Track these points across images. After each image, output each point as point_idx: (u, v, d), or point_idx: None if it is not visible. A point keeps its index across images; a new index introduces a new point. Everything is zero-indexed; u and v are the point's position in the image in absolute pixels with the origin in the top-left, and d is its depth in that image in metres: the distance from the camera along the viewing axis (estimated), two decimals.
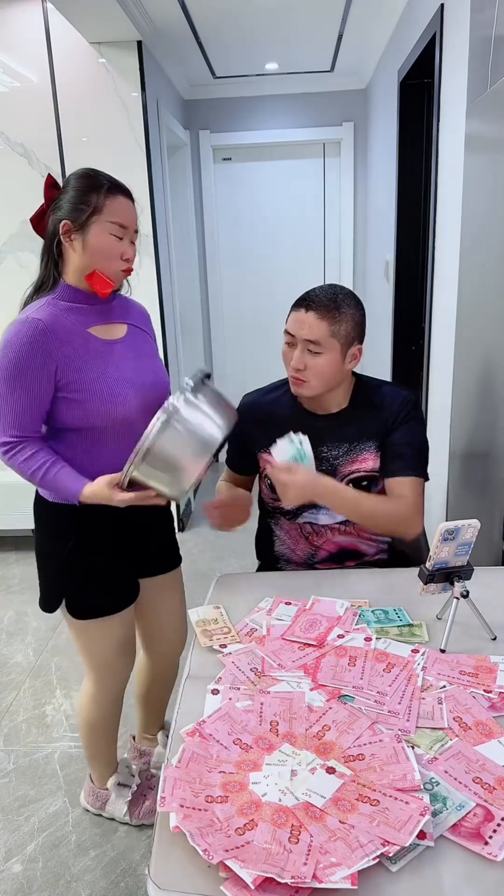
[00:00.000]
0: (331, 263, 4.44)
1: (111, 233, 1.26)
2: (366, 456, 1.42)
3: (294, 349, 1.37)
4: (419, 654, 1.06)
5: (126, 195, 1.29)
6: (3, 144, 2.90)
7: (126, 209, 1.28)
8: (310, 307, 1.34)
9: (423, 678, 1.00)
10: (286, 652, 1.09)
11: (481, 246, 1.65)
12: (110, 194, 1.26)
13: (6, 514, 3.13)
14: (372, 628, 1.15)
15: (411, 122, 2.83)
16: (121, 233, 1.27)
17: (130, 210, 1.29)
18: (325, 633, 1.13)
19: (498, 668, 1.02)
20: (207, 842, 0.72)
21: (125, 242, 1.29)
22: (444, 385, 2.20)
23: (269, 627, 1.15)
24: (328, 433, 1.42)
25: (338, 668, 1.04)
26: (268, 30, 3.06)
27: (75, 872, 1.52)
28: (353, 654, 1.07)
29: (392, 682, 0.99)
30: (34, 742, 1.93)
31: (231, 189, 4.29)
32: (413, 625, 1.15)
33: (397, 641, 1.10)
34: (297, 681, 1.01)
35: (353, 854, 0.70)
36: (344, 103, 4.04)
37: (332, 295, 1.35)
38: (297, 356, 1.36)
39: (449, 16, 2.06)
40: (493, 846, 0.73)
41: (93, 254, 1.27)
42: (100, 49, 2.79)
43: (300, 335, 1.34)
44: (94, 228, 1.25)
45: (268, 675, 1.03)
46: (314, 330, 1.32)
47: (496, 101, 1.51)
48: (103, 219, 1.25)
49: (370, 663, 1.04)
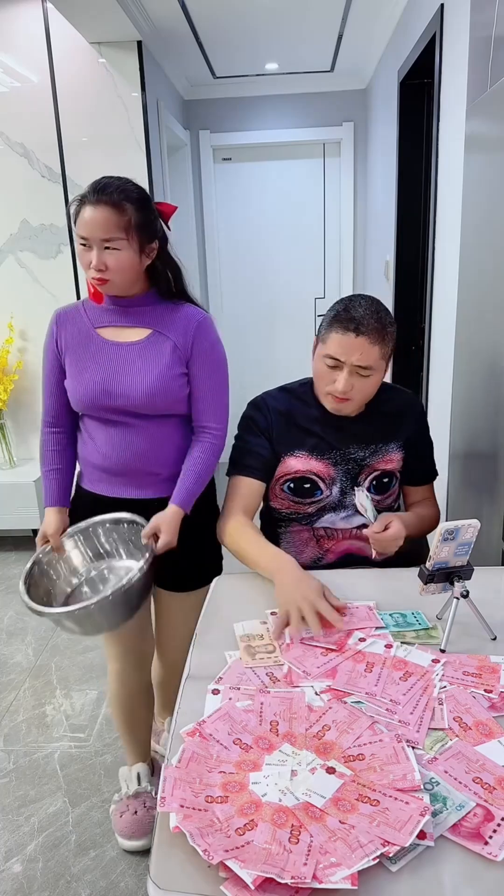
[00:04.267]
0: (331, 263, 4.44)
1: (80, 243, 1.32)
2: (390, 457, 1.45)
3: (335, 371, 1.32)
4: (439, 664, 1.03)
5: (93, 204, 1.28)
6: (3, 144, 2.90)
7: (88, 220, 1.28)
8: (360, 331, 1.27)
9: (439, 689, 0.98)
10: (309, 658, 1.07)
11: (481, 246, 1.65)
12: (80, 206, 1.30)
13: (6, 514, 3.13)
14: (390, 632, 1.13)
15: (411, 123, 2.83)
16: (83, 242, 1.31)
17: (91, 220, 1.28)
18: (345, 637, 1.11)
19: (500, 669, 1.01)
20: (207, 842, 0.72)
21: (91, 252, 1.30)
22: (444, 385, 2.20)
23: (291, 636, 1.12)
24: (355, 435, 1.42)
25: (353, 674, 1.02)
26: (268, 30, 3.06)
27: (75, 872, 1.52)
28: (371, 661, 1.05)
29: (407, 692, 0.97)
30: (34, 742, 1.93)
31: (231, 189, 4.29)
32: (430, 628, 1.14)
33: (417, 650, 1.08)
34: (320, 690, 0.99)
35: (353, 854, 0.70)
36: (344, 103, 4.04)
37: (377, 315, 1.30)
38: (345, 380, 1.31)
39: (449, 16, 2.06)
40: (493, 846, 0.72)
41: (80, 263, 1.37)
42: (100, 49, 2.79)
43: (350, 360, 1.29)
44: (76, 240, 1.34)
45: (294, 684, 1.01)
46: (367, 356, 1.29)
47: (496, 101, 1.51)
48: (76, 231, 1.31)
49: (387, 670, 1.02)
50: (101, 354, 1.38)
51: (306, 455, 1.42)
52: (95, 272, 1.31)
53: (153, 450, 1.41)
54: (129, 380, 1.36)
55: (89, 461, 1.47)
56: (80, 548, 1.46)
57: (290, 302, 4.51)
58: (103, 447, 1.42)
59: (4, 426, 3.23)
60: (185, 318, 1.40)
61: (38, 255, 3.05)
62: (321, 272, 4.47)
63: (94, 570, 1.46)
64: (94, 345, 1.39)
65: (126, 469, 1.42)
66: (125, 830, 1.57)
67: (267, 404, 1.45)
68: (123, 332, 1.40)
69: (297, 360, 4.53)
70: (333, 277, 4.47)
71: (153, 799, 1.60)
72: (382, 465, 1.44)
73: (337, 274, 4.45)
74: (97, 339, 1.40)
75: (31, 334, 3.17)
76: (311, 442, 1.42)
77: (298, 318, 4.54)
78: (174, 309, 1.41)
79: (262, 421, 1.43)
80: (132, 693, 1.61)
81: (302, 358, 4.62)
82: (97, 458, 1.44)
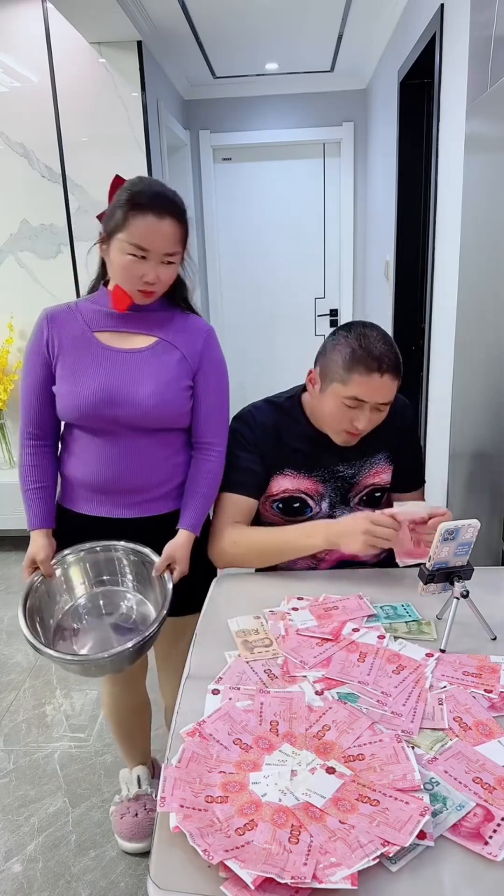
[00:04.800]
0: (331, 263, 4.44)
1: (129, 252, 1.22)
2: (379, 469, 1.41)
3: (355, 410, 1.26)
4: (433, 657, 1.05)
5: (158, 214, 1.20)
6: (3, 144, 2.90)
7: (151, 231, 1.20)
8: (383, 370, 1.22)
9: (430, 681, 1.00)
10: (305, 648, 1.08)
11: (481, 246, 1.65)
12: (136, 212, 1.20)
13: (6, 514, 3.13)
14: (381, 624, 1.15)
15: (411, 123, 2.84)
16: (141, 253, 1.21)
17: (157, 232, 1.21)
18: (339, 627, 1.14)
19: (500, 669, 1.02)
20: (207, 842, 0.72)
21: (148, 263, 1.22)
22: (444, 385, 2.20)
23: (286, 628, 1.14)
24: (345, 451, 1.37)
25: (346, 664, 1.04)
26: (268, 30, 3.06)
27: (75, 872, 1.52)
28: (364, 651, 1.07)
29: (399, 685, 0.99)
30: (34, 742, 1.93)
31: (231, 189, 4.29)
32: (421, 622, 1.15)
33: (411, 643, 1.09)
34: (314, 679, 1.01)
35: (353, 854, 0.70)
36: (344, 103, 4.04)
37: (392, 348, 1.24)
38: (368, 420, 1.27)
39: (449, 16, 2.06)
40: (493, 846, 0.72)
41: (113, 269, 1.27)
42: (100, 49, 2.79)
43: (375, 400, 1.24)
44: (115, 245, 1.23)
45: (291, 674, 1.02)
46: (389, 392, 1.25)
47: (496, 101, 1.51)
48: (123, 237, 1.21)
49: (380, 661, 1.04)
50: (103, 360, 1.29)
51: (294, 473, 1.38)
52: (146, 284, 1.24)
53: (147, 465, 1.32)
54: (134, 388, 1.27)
55: (74, 478, 1.36)
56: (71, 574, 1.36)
57: (290, 302, 4.51)
58: (92, 462, 1.32)
59: (4, 426, 3.22)
60: (193, 328, 1.35)
61: (37, 255, 3.05)
62: (321, 272, 4.47)
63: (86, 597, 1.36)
64: (93, 349, 1.29)
65: (117, 486, 1.32)
66: (125, 832, 1.57)
67: (255, 418, 1.40)
68: (126, 338, 1.31)
69: (296, 359, 4.52)
70: (333, 277, 4.47)
71: (153, 801, 1.59)
72: (372, 478, 1.41)
73: (337, 274, 4.45)
74: (97, 344, 1.30)
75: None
76: (299, 459, 1.38)
77: (298, 318, 4.54)
78: (180, 318, 1.35)
79: (250, 435, 1.38)
80: (127, 712, 1.58)
81: (301, 358, 4.62)
82: (84, 474, 1.33)
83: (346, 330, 1.28)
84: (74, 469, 1.35)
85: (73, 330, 1.31)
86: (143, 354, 1.30)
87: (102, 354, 1.30)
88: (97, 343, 1.30)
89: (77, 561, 1.36)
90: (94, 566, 1.36)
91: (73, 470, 1.35)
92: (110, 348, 1.30)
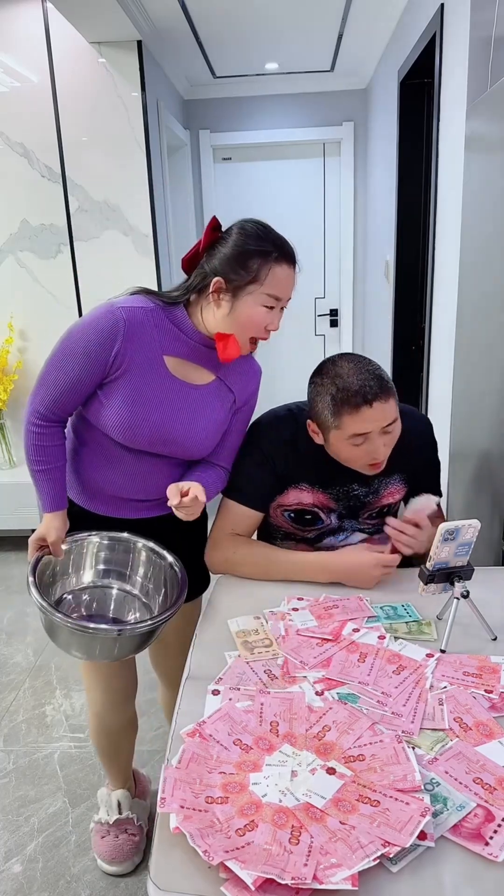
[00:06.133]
0: (331, 263, 4.44)
1: (263, 304, 1.17)
2: (394, 489, 1.39)
3: (365, 443, 1.23)
4: (433, 658, 1.05)
5: (291, 263, 1.19)
6: (3, 144, 2.90)
7: (287, 281, 1.18)
8: (370, 399, 1.18)
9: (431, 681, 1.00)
10: (305, 649, 1.08)
11: (481, 246, 1.65)
12: (276, 263, 1.16)
13: (6, 514, 3.13)
14: (382, 624, 1.15)
15: (411, 122, 2.84)
16: (274, 303, 1.18)
17: (291, 280, 1.19)
18: (339, 627, 1.14)
19: (500, 669, 1.02)
20: (207, 843, 0.72)
21: (273, 313, 1.20)
22: (444, 385, 2.20)
23: (286, 628, 1.14)
24: (358, 472, 1.33)
25: (346, 664, 1.04)
26: (268, 30, 3.06)
27: (75, 872, 1.52)
28: (364, 651, 1.07)
29: (399, 685, 0.99)
30: (34, 742, 1.93)
31: (231, 189, 4.29)
32: (422, 622, 1.15)
33: (411, 643, 1.09)
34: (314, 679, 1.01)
35: (353, 855, 0.70)
36: (344, 103, 4.04)
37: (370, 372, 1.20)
38: (383, 446, 1.24)
39: (449, 16, 2.06)
40: (494, 847, 0.72)
41: (237, 321, 1.18)
42: (100, 49, 2.79)
43: (377, 427, 1.21)
44: (248, 298, 1.16)
45: (291, 674, 1.02)
46: (388, 413, 1.21)
47: (496, 101, 1.51)
48: (260, 290, 1.16)
49: (380, 661, 1.04)
50: (170, 392, 1.23)
51: (309, 487, 1.35)
52: (265, 333, 1.21)
53: (166, 481, 1.28)
54: (191, 432, 1.25)
55: (94, 481, 1.32)
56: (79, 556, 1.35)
57: (290, 301, 4.51)
58: (121, 477, 1.30)
59: (4, 426, 3.23)
60: (250, 372, 1.33)
61: (37, 255, 3.05)
62: (321, 272, 4.47)
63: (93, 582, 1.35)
64: (162, 377, 1.22)
65: (135, 497, 1.33)
66: (105, 855, 1.52)
67: (273, 430, 1.37)
68: (189, 370, 1.26)
69: (296, 359, 4.53)
70: (333, 277, 4.47)
71: (135, 826, 1.55)
72: (385, 499, 1.39)
73: (337, 274, 4.45)
74: (163, 371, 1.22)
75: (31, 334, 3.17)
76: (314, 474, 1.35)
77: (298, 318, 4.54)
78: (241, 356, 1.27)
79: (266, 448, 1.35)
80: (113, 731, 1.53)
81: (301, 358, 4.63)
82: (109, 485, 1.31)
83: (319, 376, 1.25)
84: (100, 478, 1.32)
85: (145, 346, 1.21)
86: (201, 393, 1.26)
87: (169, 387, 1.23)
88: (166, 371, 1.23)
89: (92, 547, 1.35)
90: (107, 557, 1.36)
91: (95, 473, 1.32)
92: (176, 380, 1.24)
